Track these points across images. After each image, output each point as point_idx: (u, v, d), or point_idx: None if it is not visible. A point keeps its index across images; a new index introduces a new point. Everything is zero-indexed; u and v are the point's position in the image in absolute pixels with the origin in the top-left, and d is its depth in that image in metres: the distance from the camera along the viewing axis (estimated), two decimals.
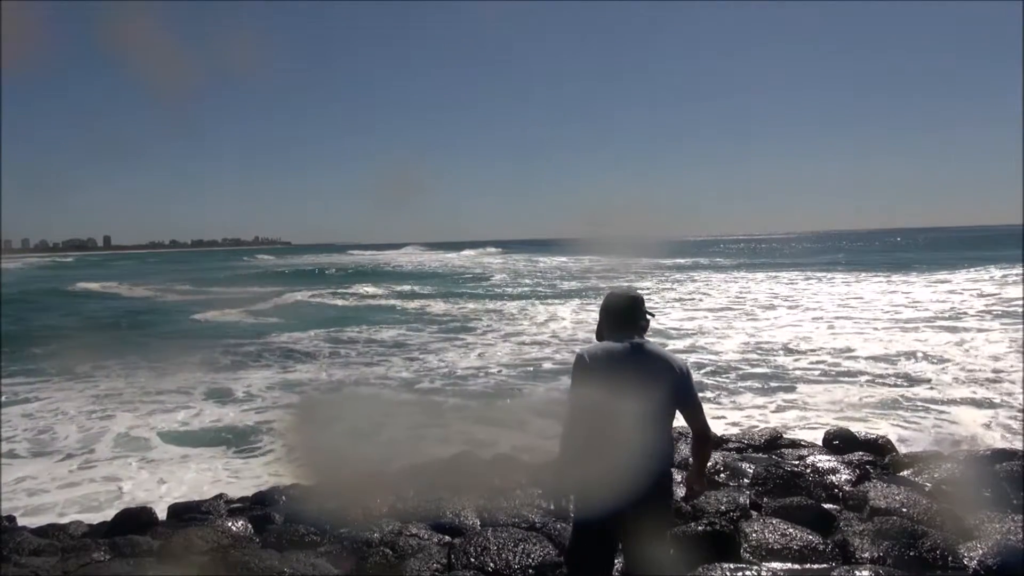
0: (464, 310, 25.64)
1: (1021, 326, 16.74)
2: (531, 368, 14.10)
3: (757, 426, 9.26)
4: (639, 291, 3.32)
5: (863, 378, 12.15)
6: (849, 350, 14.84)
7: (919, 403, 10.26)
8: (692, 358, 14.47)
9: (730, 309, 23.88)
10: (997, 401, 10.21)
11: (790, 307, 23.90)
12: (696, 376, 10.66)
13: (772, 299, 26.69)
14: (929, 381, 11.61)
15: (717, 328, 19.10)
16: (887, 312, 21.28)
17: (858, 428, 8.04)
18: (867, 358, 13.83)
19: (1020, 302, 21.47)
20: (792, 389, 11.60)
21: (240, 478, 8.10)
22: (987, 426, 8.98)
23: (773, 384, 12.04)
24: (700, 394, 3.35)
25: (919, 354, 13.93)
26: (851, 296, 26.69)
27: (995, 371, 12.03)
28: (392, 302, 29.38)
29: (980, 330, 16.68)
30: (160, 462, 8.77)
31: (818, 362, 13.70)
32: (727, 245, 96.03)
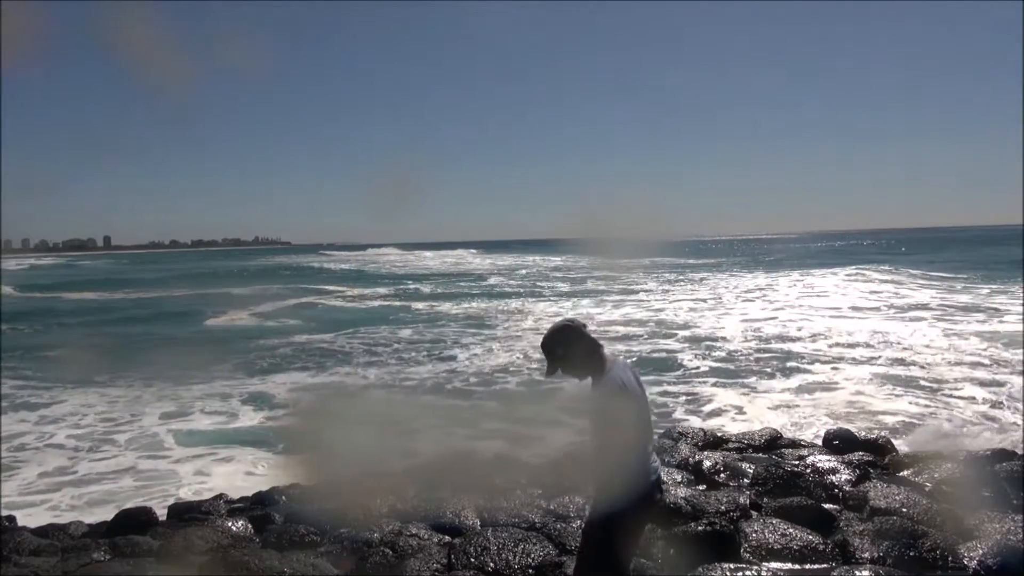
0: (472, 309, 26.04)
1: (1021, 325, 16.78)
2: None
3: (799, 406, 10.14)
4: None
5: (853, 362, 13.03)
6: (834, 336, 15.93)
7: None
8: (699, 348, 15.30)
9: (723, 303, 24.91)
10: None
11: (774, 301, 25.13)
12: (713, 364, 12.06)
13: (764, 294, 27.83)
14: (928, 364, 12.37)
15: (716, 321, 19.98)
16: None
17: (860, 426, 8.16)
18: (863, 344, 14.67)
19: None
20: (807, 372, 12.45)
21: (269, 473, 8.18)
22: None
23: (789, 366, 12.89)
24: (719, 384, 3.58)
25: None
26: (818, 289, 28.55)
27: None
28: (400, 303, 29.72)
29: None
30: (178, 461, 8.84)
31: (823, 348, 14.60)
32: (723, 245, 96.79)
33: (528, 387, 12.45)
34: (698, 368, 13.38)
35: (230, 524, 5.55)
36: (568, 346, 3.25)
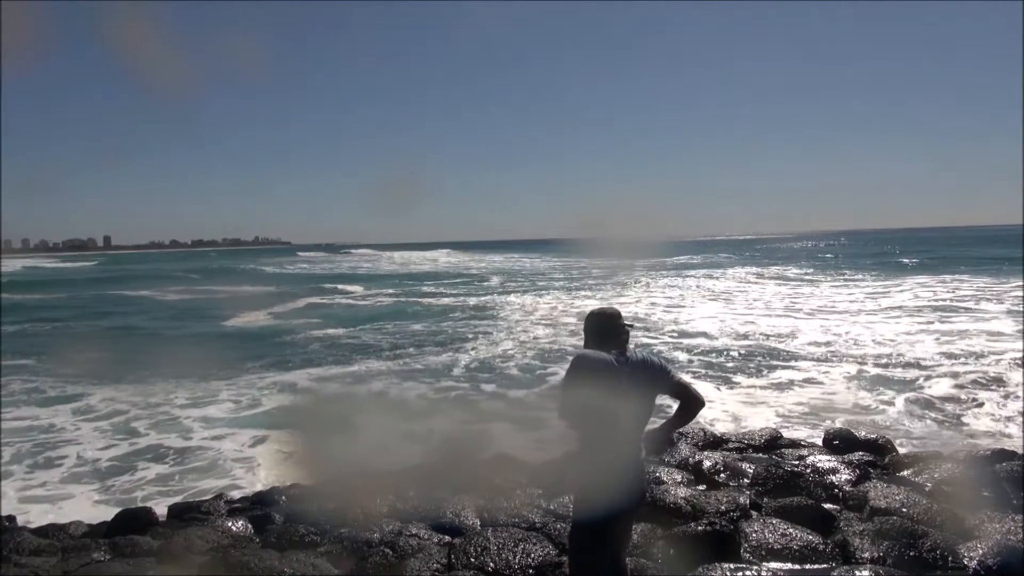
0: (478, 304, 26.87)
1: (1021, 324, 16.78)
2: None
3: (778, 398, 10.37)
4: (616, 307, 3.57)
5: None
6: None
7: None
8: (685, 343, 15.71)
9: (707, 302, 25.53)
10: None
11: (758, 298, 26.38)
12: (696, 356, 12.87)
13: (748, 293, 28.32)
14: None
15: (695, 315, 21.03)
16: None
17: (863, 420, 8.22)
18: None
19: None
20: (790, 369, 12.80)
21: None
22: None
23: (773, 363, 13.27)
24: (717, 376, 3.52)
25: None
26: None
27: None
28: (406, 300, 30.19)
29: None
30: (209, 449, 9.02)
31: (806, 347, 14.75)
32: (717, 245, 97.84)
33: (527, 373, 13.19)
34: (685, 360, 13.97)
35: (230, 524, 5.56)
36: (585, 329, 3.49)
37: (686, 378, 3.56)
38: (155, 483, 8.02)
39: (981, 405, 9.99)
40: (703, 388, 11.48)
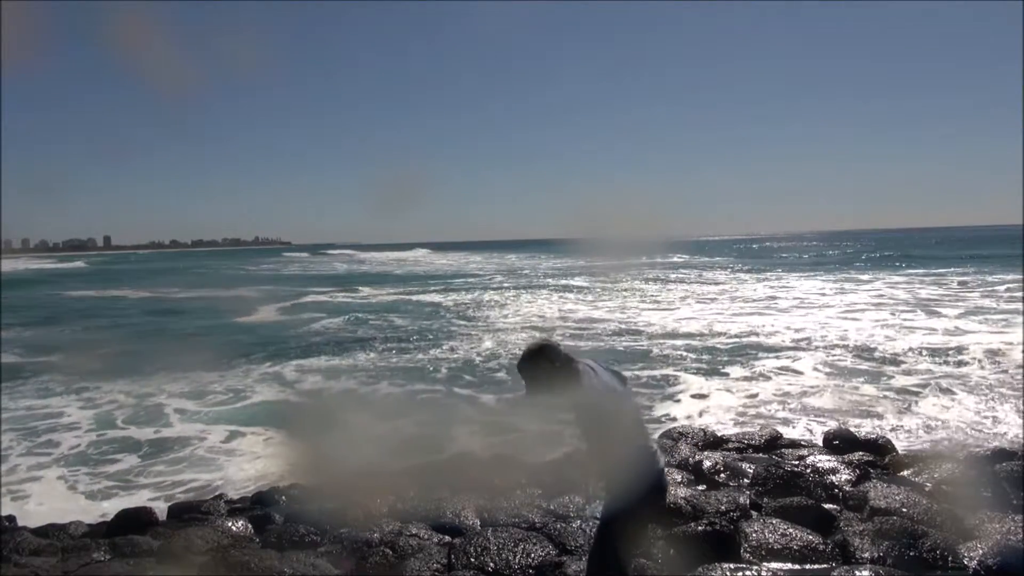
0: (477, 302, 27.34)
1: (1022, 322, 16.78)
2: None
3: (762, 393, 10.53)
4: (543, 339, 3.44)
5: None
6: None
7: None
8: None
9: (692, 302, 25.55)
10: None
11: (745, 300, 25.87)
12: (684, 353, 13.21)
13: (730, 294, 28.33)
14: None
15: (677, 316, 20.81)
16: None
17: (859, 423, 8.23)
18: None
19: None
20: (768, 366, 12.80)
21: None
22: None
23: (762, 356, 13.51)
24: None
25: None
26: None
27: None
28: (406, 298, 30.47)
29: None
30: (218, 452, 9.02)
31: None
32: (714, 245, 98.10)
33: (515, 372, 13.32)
34: (679, 359, 14.04)
35: (230, 524, 5.56)
36: (542, 367, 3.24)
37: None
38: (154, 480, 8.02)
39: (977, 403, 9.99)
40: (695, 384, 11.66)
